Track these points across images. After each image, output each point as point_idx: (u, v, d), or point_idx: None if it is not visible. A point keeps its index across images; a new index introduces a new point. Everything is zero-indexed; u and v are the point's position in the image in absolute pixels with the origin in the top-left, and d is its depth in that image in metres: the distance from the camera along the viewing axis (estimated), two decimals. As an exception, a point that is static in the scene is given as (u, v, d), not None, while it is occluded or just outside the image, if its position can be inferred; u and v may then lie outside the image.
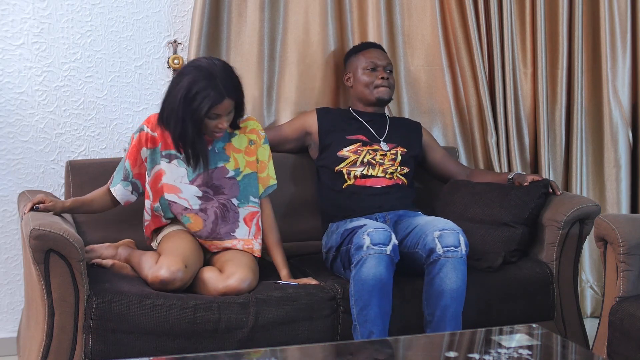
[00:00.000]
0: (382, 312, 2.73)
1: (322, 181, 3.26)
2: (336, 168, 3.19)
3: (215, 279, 2.77)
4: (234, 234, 2.94)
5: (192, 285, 2.79)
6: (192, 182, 2.91)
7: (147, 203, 2.96)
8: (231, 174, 2.94)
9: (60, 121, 3.29)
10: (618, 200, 3.86)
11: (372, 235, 2.77)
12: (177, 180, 2.91)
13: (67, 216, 2.96)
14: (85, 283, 2.60)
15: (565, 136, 3.80)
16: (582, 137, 3.79)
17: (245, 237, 2.95)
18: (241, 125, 2.96)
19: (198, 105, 2.72)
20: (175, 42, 3.38)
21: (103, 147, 3.35)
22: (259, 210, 2.98)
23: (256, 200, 2.98)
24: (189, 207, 2.92)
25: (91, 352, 2.59)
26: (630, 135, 3.88)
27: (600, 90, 3.83)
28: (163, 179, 2.91)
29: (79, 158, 3.30)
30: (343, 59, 3.43)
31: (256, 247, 2.95)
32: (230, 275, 2.77)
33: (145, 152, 2.89)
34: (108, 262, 2.92)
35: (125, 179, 2.90)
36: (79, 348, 2.60)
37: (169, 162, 2.91)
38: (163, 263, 2.72)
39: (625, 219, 2.83)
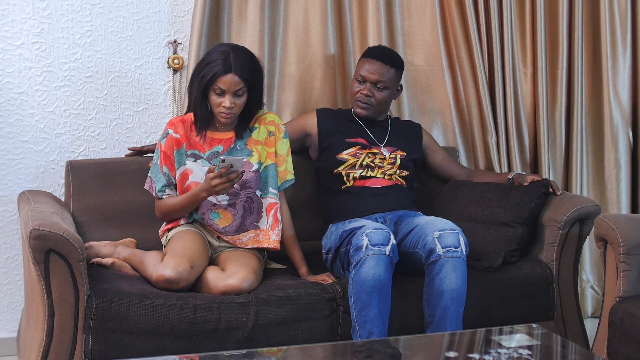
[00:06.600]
0: (382, 312, 2.73)
1: (322, 182, 3.25)
2: (335, 170, 3.19)
3: (216, 278, 2.78)
4: (258, 224, 3.00)
5: (193, 284, 2.79)
6: None
7: None
8: (255, 167, 2.99)
9: (60, 121, 3.28)
10: (618, 201, 3.85)
11: (370, 236, 2.77)
12: (203, 178, 2.94)
13: (67, 216, 2.97)
14: (85, 283, 2.60)
15: (565, 136, 3.80)
16: (582, 137, 3.79)
17: (264, 227, 2.99)
18: (260, 117, 3.03)
19: (205, 73, 2.87)
20: (175, 42, 3.38)
21: (103, 147, 3.34)
22: (278, 201, 3.02)
23: (274, 191, 3.02)
24: (218, 203, 2.97)
25: (91, 352, 2.59)
26: (631, 135, 3.88)
27: (601, 90, 3.82)
28: (190, 178, 2.96)
29: (79, 158, 3.30)
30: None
31: (273, 237, 2.98)
32: (231, 275, 2.77)
33: (174, 153, 2.96)
34: (108, 260, 2.92)
35: (170, 184, 2.97)
36: (79, 348, 2.60)
37: (195, 161, 2.97)
38: (169, 262, 2.73)
39: (625, 219, 2.83)
